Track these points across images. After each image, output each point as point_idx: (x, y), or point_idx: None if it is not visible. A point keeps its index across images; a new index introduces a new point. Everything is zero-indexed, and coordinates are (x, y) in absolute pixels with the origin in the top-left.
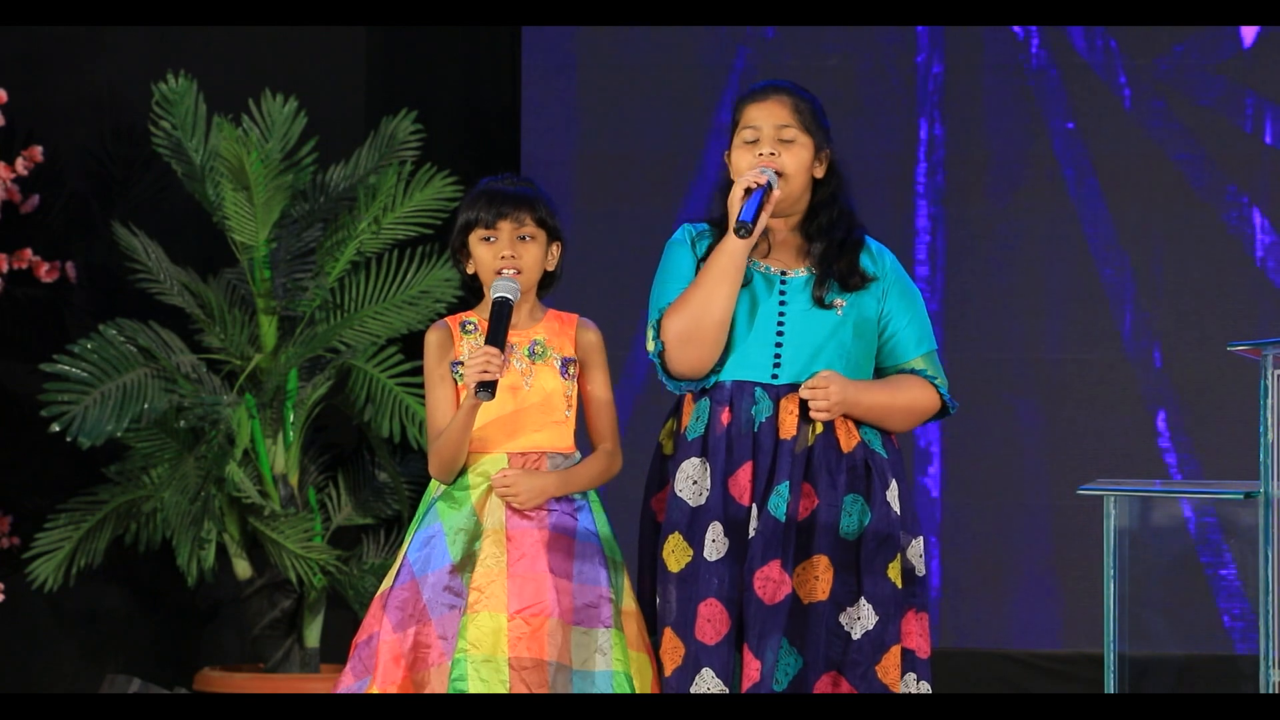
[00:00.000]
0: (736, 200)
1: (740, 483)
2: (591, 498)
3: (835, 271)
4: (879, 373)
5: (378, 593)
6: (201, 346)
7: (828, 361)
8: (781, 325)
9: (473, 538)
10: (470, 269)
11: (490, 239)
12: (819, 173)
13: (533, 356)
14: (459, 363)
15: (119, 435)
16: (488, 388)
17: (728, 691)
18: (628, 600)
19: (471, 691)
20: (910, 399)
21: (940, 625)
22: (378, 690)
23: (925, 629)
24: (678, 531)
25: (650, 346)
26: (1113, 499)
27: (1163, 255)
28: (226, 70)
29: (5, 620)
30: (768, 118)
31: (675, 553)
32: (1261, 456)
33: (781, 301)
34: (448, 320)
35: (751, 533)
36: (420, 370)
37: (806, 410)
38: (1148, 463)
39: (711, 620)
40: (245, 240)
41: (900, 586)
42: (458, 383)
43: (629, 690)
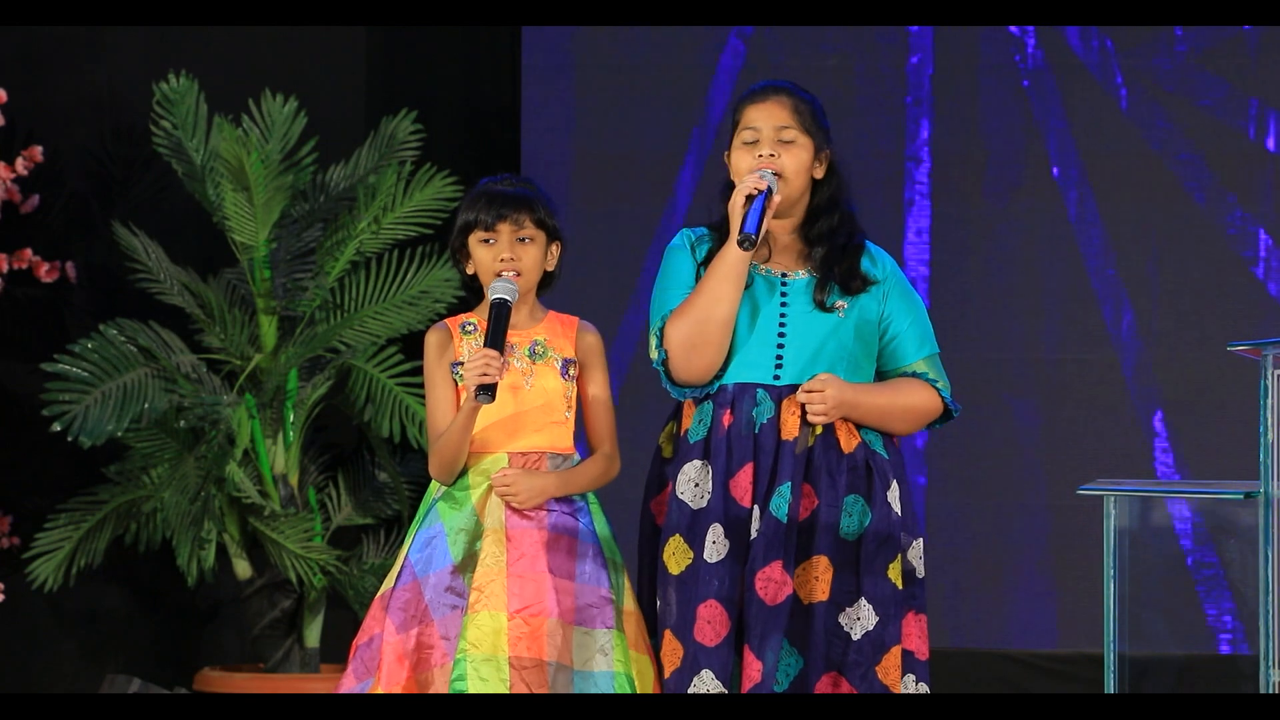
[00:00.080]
0: (737, 208)
1: (741, 484)
2: (591, 499)
3: (836, 275)
4: (881, 376)
5: (378, 594)
6: (201, 346)
7: (829, 362)
8: (783, 327)
9: (473, 538)
10: (470, 270)
11: (489, 241)
12: (819, 173)
13: (533, 357)
14: (459, 364)
15: (119, 435)
16: (487, 390)
17: (727, 693)
18: (628, 601)
19: (471, 691)
20: (911, 402)
21: (940, 625)
22: (382, 690)
23: (924, 630)
24: (678, 534)
25: (654, 355)
26: (1113, 499)
27: (1161, 255)
28: (226, 70)
29: (5, 620)
30: (767, 119)
31: (675, 555)
32: (1261, 456)
33: (783, 304)
34: (448, 321)
35: (753, 534)
36: (420, 370)
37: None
38: (1147, 463)
39: (711, 621)
40: (245, 240)
41: (901, 587)
42: (458, 384)
43: (630, 691)
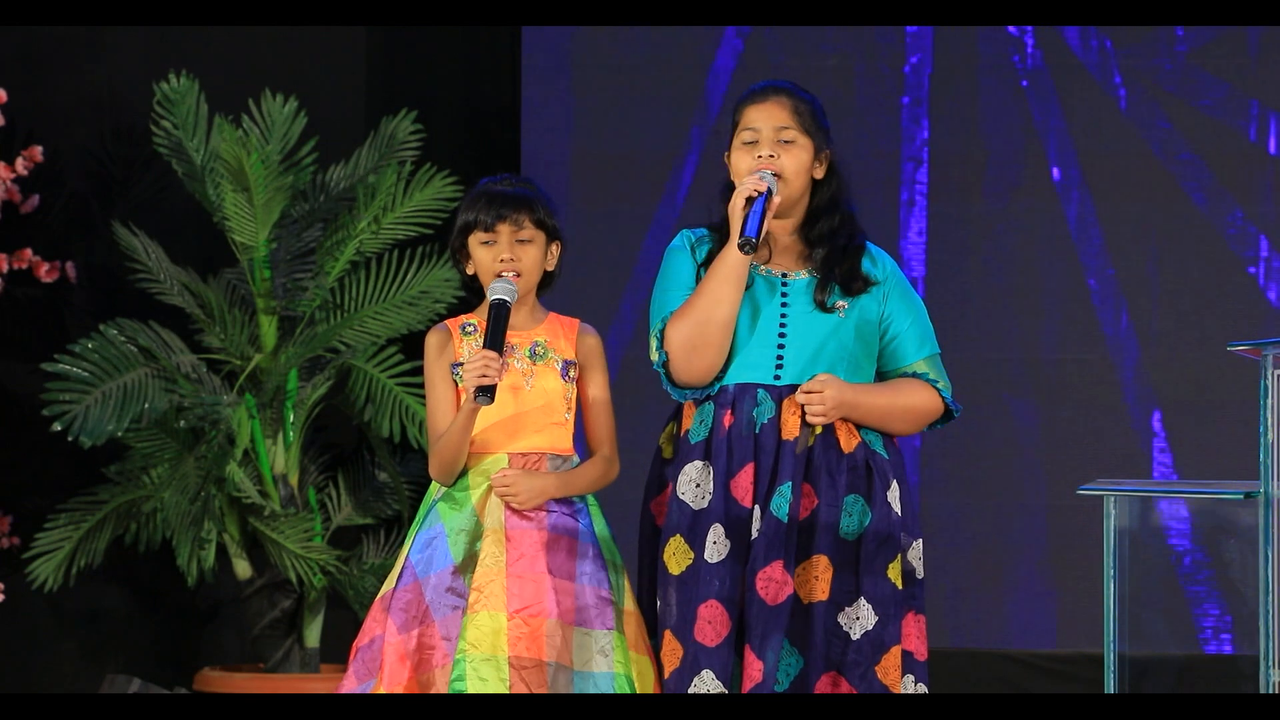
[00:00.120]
0: (737, 210)
1: (742, 484)
2: (590, 500)
3: (837, 275)
4: (881, 376)
5: (379, 595)
6: (201, 346)
7: (829, 362)
8: (784, 327)
9: (474, 538)
10: (470, 270)
11: (489, 241)
12: (819, 174)
13: (534, 358)
14: (459, 364)
15: (119, 435)
16: (486, 392)
17: (727, 693)
18: (628, 602)
19: (471, 691)
20: (911, 402)
21: (939, 625)
22: (385, 691)
23: (923, 631)
24: (679, 534)
25: (654, 356)
26: (1113, 499)
27: (1161, 256)
28: (226, 70)
29: (5, 620)
30: (767, 119)
31: (676, 555)
32: (1261, 456)
33: (783, 304)
34: (448, 322)
35: (754, 534)
36: (420, 370)
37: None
38: (1146, 463)
39: (712, 622)
40: (245, 240)
41: (900, 588)
42: (458, 385)
43: (630, 692)
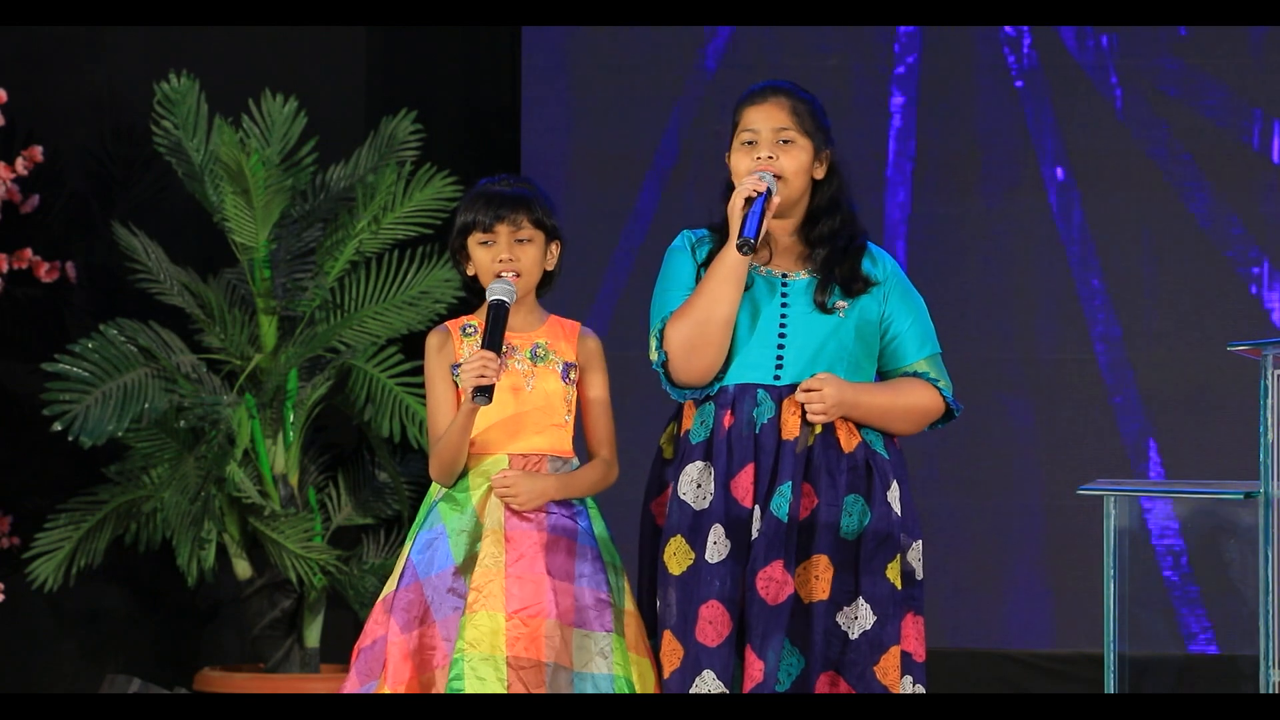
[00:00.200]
0: (736, 210)
1: (742, 485)
2: (589, 502)
3: (837, 276)
4: (883, 376)
5: (380, 596)
6: (201, 346)
7: (829, 363)
8: (783, 328)
9: (474, 539)
10: (470, 271)
11: (488, 242)
12: (819, 174)
13: (534, 359)
14: (459, 366)
15: (119, 435)
16: (484, 392)
17: (728, 693)
18: (627, 603)
19: (469, 690)
20: (912, 401)
21: (938, 625)
22: (389, 689)
23: (921, 632)
24: (680, 534)
25: (654, 356)
26: (1113, 499)
27: (1161, 256)
28: (226, 70)
29: (5, 620)
30: (766, 120)
31: (677, 555)
32: (1261, 456)
33: (783, 304)
34: (448, 324)
35: (754, 534)
36: (420, 370)
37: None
38: (1146, 463)
39: (713, 622)
40: (245, 241)
41: (899, 588)
42: (458, 386)
43: (630, 693)
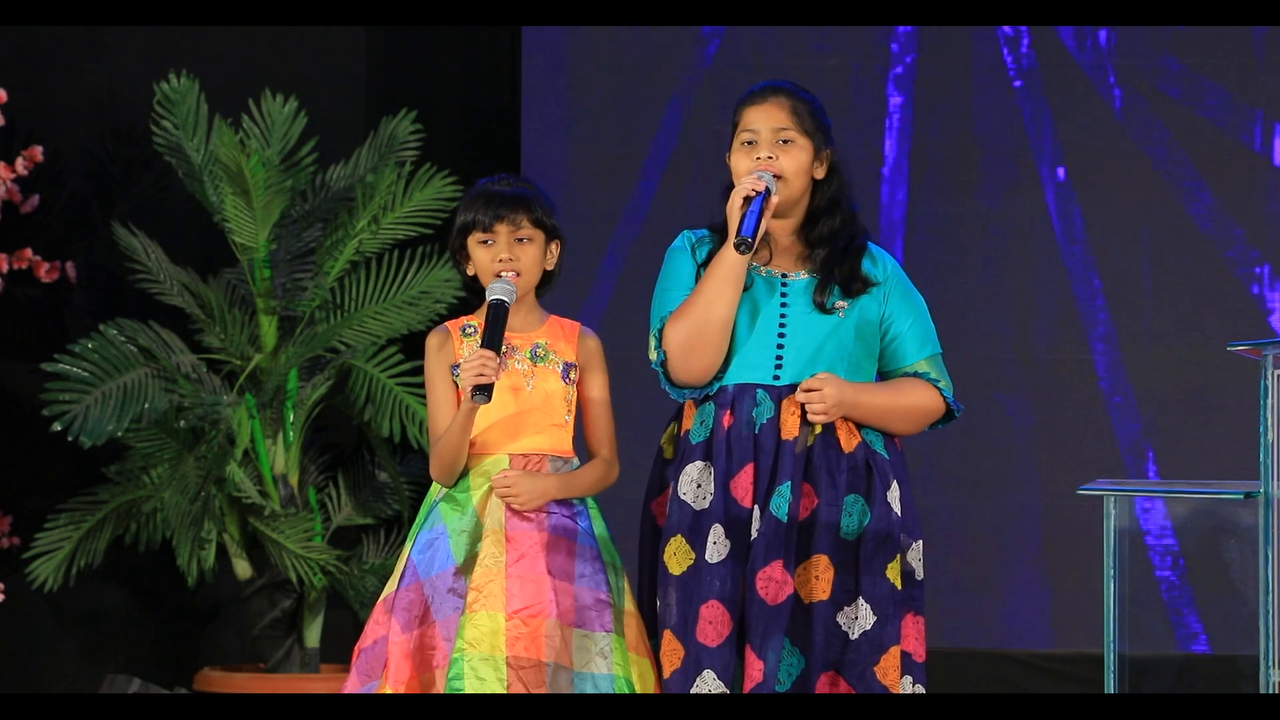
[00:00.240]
0: (735, 209)
1: (742, 485)
2: (589, 502)
3: (837, 276)
4: (883, 376)
5: (381, 597)
6: (201, 346)
7: (828, 363)
8: (783, 328)
9: (474, 539)
10: (470, 271)
11: (488, 242)
12: (819, 173)
13: (535, 359)
14: (459, 366)
15: (119, 435)
16: (484, 391)
17: (729, 693)
18: (628, 603)
19: (468, 690)
20: (912, 401)
21: (936, 625)
22: (390, 689)
23: (921, 633)
24: (680, 534)
25: (653, 356)
26: (1113, 499)
27: (1160, 256)
28: (226, 70)
29: (5, 620)
30: (765, 120)
31: (677, 555)
32: (1261, 456)
33: (783, 304)
34: (448, 324)
35: (754, 534)
36: (420, 370)
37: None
38: (1145, 463)
39: (713, 622)
40: (245, 241)
41: (899, 588)
42: (458, 386)
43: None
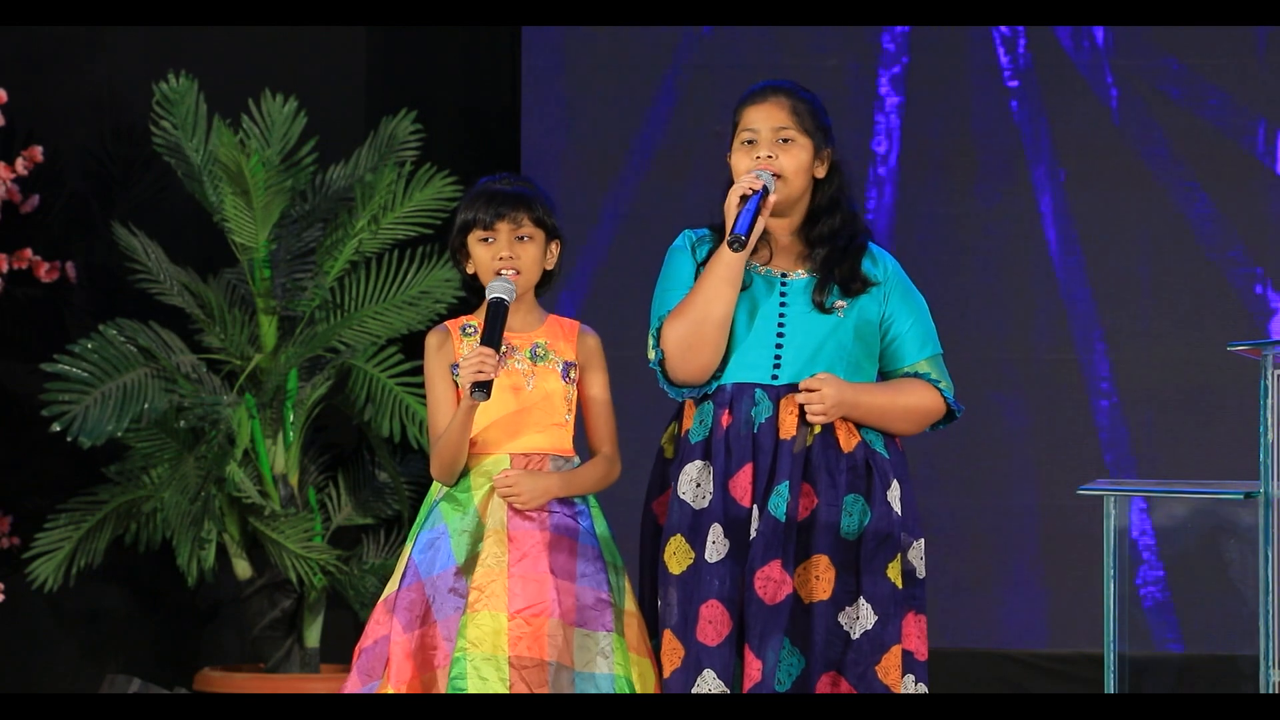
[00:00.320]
0: (732, 207)
1: (741, 484)
2: (591, 501)
3: (836, 276)
4: (884, 377)
5: (382, 597)
6: (201, 346)
7: (827, 363)
8: (782, 327)
9: (476, 539)
10: (470, 269)
11: (488, 240)
12: (820, 173)
13: (534, 359)
14: (459, 366)
15: (119, 435)
16: (483, 388)
17: (729, 692)
18: (629, 603)
19: (471, 690)
20: (912, 402)
21: (935, 625)
22: (391, 688)
23: (923, 631)
24: (680, 534)
25: (651, 355)
26: (1113, 499)
27: (1161, 256)
28: (226, 70)
29: (5, 620)
30: (765, 120)
31: (677, 555)
32: (1261, 456)
33: (782, 303)
34: (448, 323)
35: (753, 534)
36: (421, 370)
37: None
38: (1144, 463)
39: (713, 621)
40: (245, 241)
41: (900, 587)
42: (458, 386)
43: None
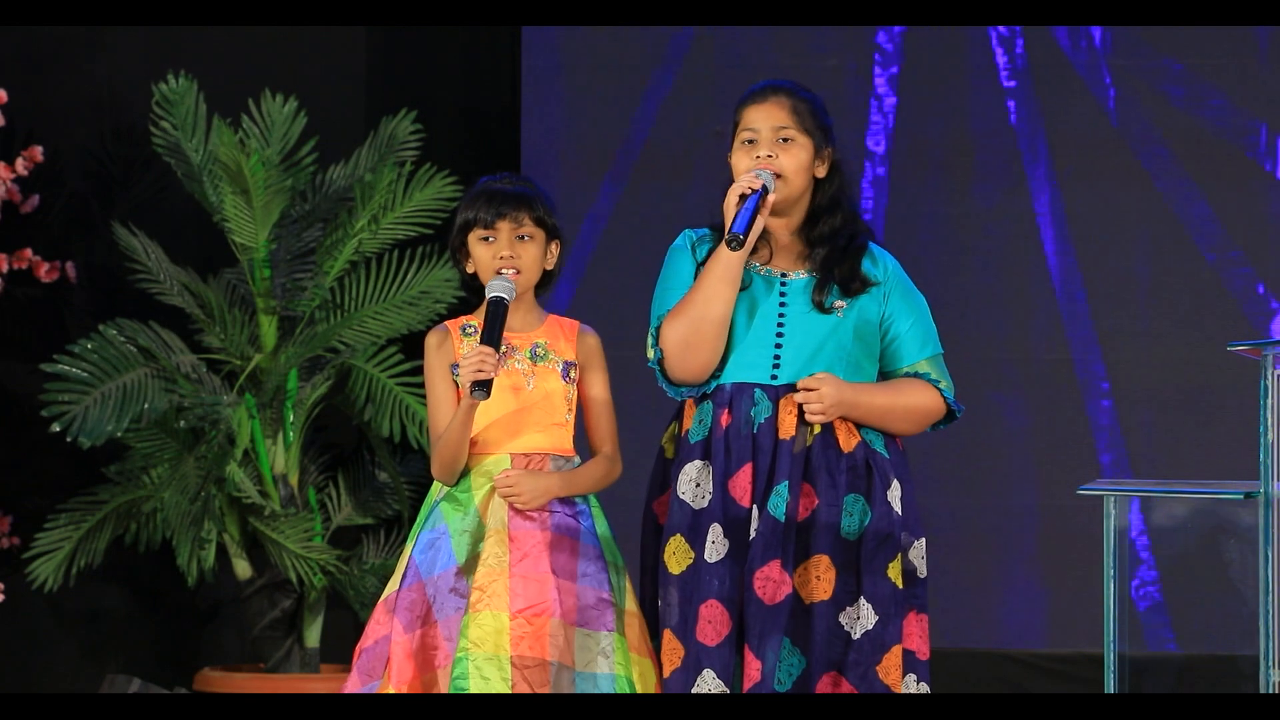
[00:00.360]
0: (731, 206)
1: (740, 484)
2: (592, 501)
3: (836, 276)
4: (884, 377)
5: (382, 597)
6: (201, 346)
7: (827, 363)
8: (781, 327)
9: (477, 539)
10: (470, 269)
11: (489, 239)
12: (820, 172)
13: (534, 359)
14: (459, 365)
15: (119, 435)
16: (483, 387)
17: (728, 692)
18: (629, 603)
19: (473, 690)
20: (911, 402)
21: (936, 625)
22: (392, 688)
23: (925, 630)
24: (679, 534)
25: (650, 354)
26: (1113, 499)
27: (1161, 255)
28: (226, 70)
29: (5, 620)
30: (765, 119)
31: (676, 554)
32: (1261, 456)
33: (781, 303)
34: (448, 323)
35: (752, 534)
36: (421, 370)
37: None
38: (1144, 463)
39: (712, 621)
40: (245, 241)
41: (901, 586)
42: (458, 385)
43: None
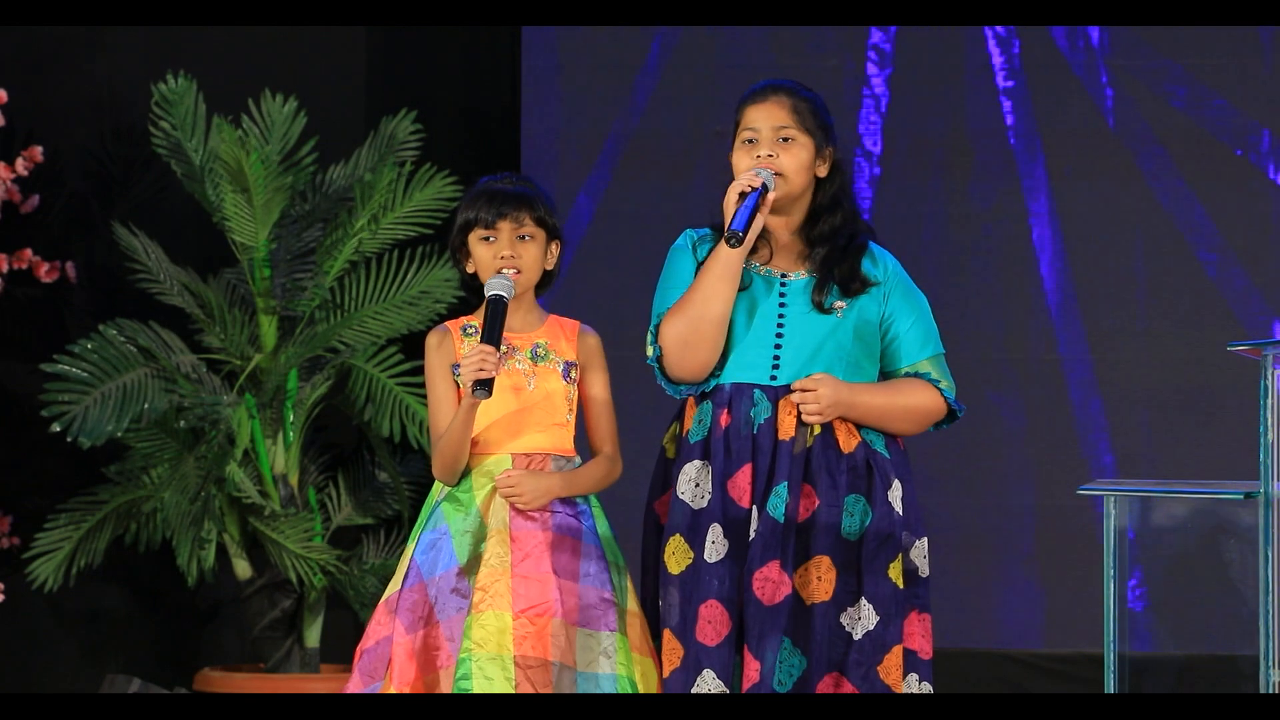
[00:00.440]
0: (730, 204)
1: (740, 485)
2: (593, 501)
3: (836, 276)
4: (885, 377)
5: (383, 598)
6: (201, 346)
7: (826, 363)
8: (781, 327)
9: (478, 539)
10: (470, 268)
11: (490, 239)
12: (821, 171)
13: (535, 359)
14: (460, 365)
15: (119, 435)
16: (484, 386)
17: (728, 692)
18: (631, 603)
19: (476, 690)
20: (911, 402)
21: (936, 625)
22: (394, 689)
23: (928, 630)
24: (679, 534)
25: (649, 352)
26: (1113, 499)
27: (1160, 255)
28: (226, 70)
29: (5, 620)
30: (766, 119)
31: (676, 555)
32: (1261, 456)
33: (781, 304)
34: (448, 323)
35: (751, 534)
36: (421, 370)
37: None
38: (1143, 463)
39: (712, 621)
40: (245, 241)
41: (902, 586)
42: (459, 385)
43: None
